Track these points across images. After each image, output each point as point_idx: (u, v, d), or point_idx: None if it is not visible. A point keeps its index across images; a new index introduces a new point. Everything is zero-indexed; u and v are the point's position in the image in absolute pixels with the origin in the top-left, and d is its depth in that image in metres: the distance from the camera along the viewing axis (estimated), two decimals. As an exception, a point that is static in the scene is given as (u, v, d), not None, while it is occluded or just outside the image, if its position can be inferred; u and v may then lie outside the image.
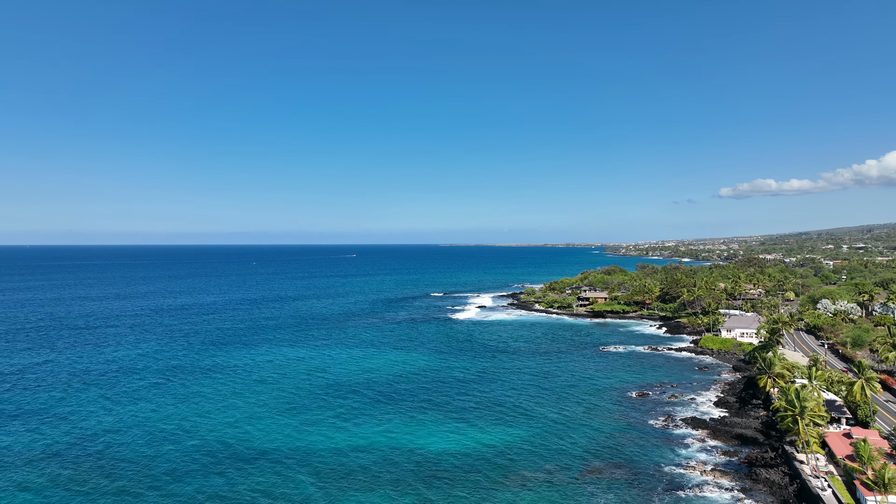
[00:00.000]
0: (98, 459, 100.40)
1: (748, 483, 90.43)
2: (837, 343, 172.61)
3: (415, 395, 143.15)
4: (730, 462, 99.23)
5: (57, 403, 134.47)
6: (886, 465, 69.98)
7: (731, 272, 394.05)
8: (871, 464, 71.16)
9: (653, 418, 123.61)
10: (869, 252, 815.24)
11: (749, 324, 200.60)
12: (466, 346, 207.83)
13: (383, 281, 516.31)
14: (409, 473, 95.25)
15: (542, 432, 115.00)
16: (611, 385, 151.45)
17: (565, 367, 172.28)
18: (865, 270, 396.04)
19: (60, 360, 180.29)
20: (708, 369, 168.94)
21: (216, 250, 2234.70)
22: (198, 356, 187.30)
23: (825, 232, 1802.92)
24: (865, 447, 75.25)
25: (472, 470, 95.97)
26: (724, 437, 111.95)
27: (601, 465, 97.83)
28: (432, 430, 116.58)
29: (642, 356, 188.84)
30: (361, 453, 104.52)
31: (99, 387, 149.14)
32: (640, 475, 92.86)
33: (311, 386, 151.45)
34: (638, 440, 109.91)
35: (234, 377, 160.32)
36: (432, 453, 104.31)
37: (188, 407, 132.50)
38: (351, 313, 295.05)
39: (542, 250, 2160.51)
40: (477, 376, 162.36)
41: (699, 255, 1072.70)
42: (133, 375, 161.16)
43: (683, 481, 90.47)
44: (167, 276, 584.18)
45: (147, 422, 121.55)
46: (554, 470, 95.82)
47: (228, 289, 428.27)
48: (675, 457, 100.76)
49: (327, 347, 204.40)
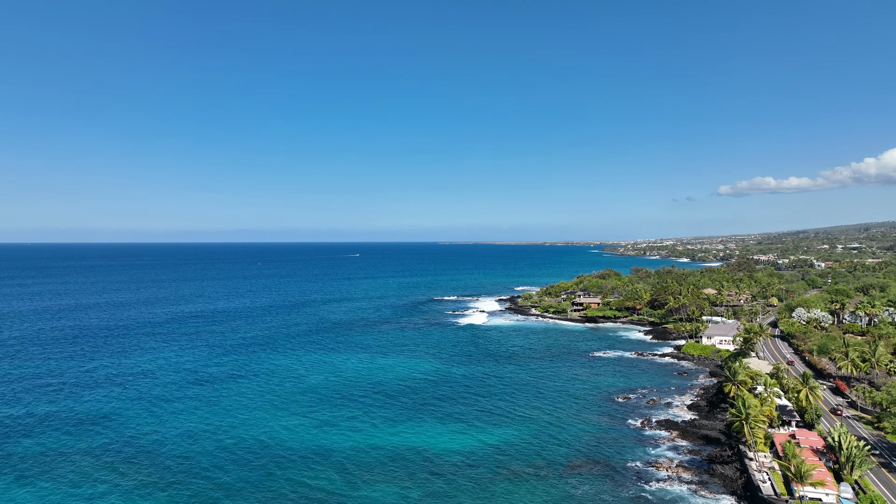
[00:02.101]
0: (150, 456, 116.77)
1: (706, 477, 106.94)
2: (805, 350, 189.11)
3: (421, 398, 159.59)
4: (693, 459, 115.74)
5: (103, 407, 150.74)
6: (803, 461, 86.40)
7: (721, 276, 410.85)
8: (794, 460, 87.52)
9: (631, 420, 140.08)
10: (862, 253, 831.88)
11: (728, 331, 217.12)
12: (468, 351, 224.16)
13: (387, 284, 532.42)
14: (417, 468, 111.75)
15: (534, 432, 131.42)
16: (598, 389, 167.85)
17: (558, 373, 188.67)
18: (850, 276, 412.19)
19: (97, 367, 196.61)
20: (686, 374, 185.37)
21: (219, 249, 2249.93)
22: (221, 363, 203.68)
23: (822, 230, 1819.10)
24: (790, 446, 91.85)
25: (472, 465, 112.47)
26: (691, 437, 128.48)
27: (582, 461, 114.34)
28: (437, 430, 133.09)
29: (629, 361, 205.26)
30: (376, 450, 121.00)
31: (136, 391, 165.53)
32: (614, 471, 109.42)
33: (328, 390, 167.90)
34: (616, 440, 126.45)
35: (258, 382, 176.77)
36: (437, 451, 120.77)
37: (220, 410, 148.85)
38: (359, 319, 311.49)
39: (542, 249, 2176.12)
40: (477, 381, 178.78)
41: (696, 255, 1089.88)
42: (164, 381, 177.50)
43: (650, 476, 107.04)
44: (176, 280, 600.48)
45: (185, 423, 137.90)
46: (542, 466, 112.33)
47: (239, 294, 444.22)
48: (645, 455, 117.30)
49: (339, 353, 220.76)
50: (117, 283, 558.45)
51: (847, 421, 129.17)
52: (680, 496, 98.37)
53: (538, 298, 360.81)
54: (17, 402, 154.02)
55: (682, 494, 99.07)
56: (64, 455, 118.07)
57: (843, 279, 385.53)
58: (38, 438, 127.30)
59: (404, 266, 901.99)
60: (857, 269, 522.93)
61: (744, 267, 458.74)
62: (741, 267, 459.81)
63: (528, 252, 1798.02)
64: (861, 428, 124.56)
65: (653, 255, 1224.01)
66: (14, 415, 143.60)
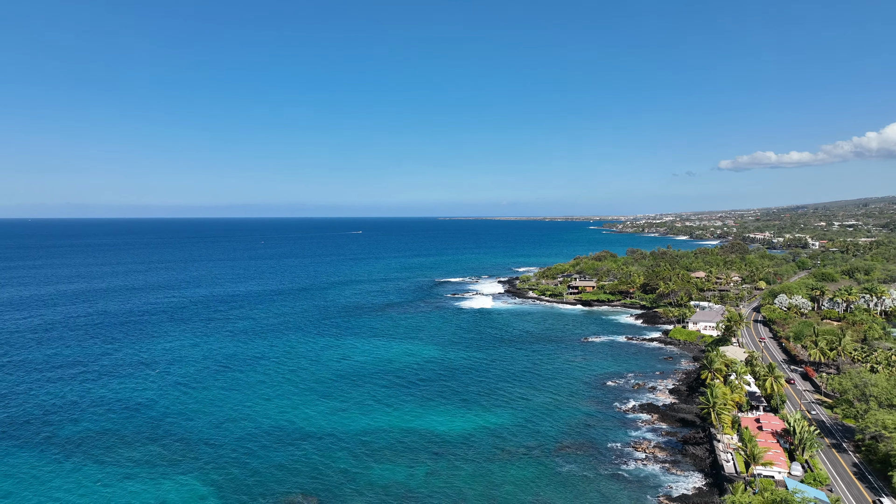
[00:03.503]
0: (184, 437, 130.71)
1: (679, 457, 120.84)
2: (783, 337, 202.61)
3: (423, 383, 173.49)
4: (669, 441, 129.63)
5: (134, 393, 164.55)
6: (756, 445, 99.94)
7: (714, 258, 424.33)
8: (749, 444, 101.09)
9: (617, 403, 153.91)
10: (857, 231, 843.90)
11: (712, 317, 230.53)
12: (468, 336, 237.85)
13: (390, 265, 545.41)
14: (420, 449, 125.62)
15: (527, 416, 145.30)
16: (588, 374, 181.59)
17: (552, 358, 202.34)
18: (839, 258, 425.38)
19: (124, 353, 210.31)
20: (671, 359, 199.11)
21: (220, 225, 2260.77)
22: (237, 348, 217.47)
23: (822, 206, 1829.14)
24: (746, 432, 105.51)
25: (469, 447, 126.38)
26: (670, 420, 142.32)
27: (570, 442, 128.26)
28: (439, 414, 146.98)
29: (619, 346, 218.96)
30: (382, 433, 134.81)
31: (163, 376, 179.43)
32: (597, 451, 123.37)
33: (339, 374, 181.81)
34: (602, 423, 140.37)
35: (275, 367, 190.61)
36: (440, 432, 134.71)
37: (239, 394, 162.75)
38: (365, 303, 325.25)
39: (541, 224, 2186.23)
40: (476, 366, 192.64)
41: (693, 232, 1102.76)
42: (187, 367, 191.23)
43: (629, 456, 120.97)
44: (184, 261, 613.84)
45: (207, 407, 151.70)
46: (534, 447, 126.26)
47: (248, 277, 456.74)
48: (626, 437, 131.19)
49: (348, 337, 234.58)
50: (126, 264, 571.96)
51: (811, 405, 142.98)
52: (653, 474, 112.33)
53: (535, 281, 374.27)
54: (56, 388, 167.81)
55: (655, 472, 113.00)
56: (104, 437, 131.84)
57: (831, 262, 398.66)
58: (79, 422, 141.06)
59: (406, 245, 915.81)
60: (849, 248, 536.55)
61: (737, 249, 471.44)
62: (734, 249, 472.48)
63: (528, 228, 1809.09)
64: (822, 412, 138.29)
65: (651, 233, 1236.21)
66: (54, 399, 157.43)
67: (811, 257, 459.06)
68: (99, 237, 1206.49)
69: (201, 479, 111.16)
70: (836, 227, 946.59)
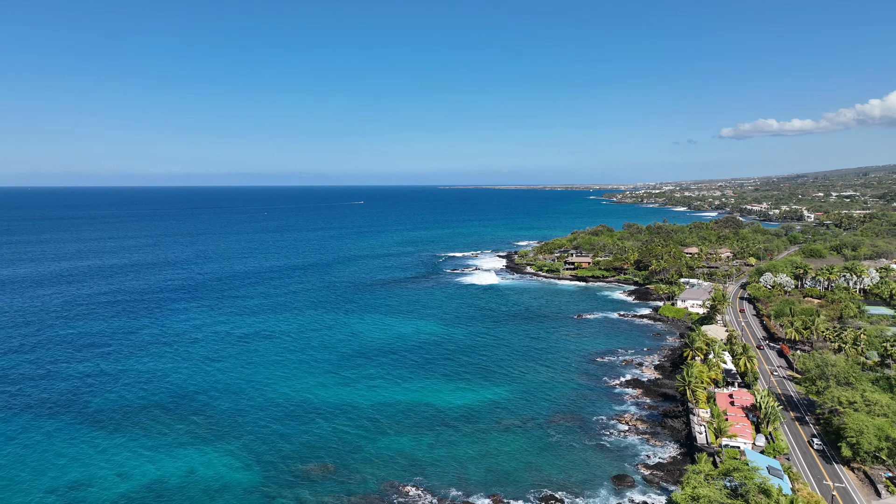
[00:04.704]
0: (207, 409, 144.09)
1: (658, 429, 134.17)
2: (765, 315, 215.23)
3: (428, 358, 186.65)
4: (651, 414, 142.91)
5: (157, 367, 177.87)
6: (723, 419, 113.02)
7: (707, 233, 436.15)
8: (717, 419, 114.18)
9: (606, 378, 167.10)
10: (853, 202, 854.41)
11: (700, 295, 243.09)
12: (469, 312, 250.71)
13: (392, 240, 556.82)
14: (424, 421, 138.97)
15: (523, 390, 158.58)
16: (581, 350, 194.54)
17: (548, 334, 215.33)
18: (828, 233, 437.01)
19: (143, 329, 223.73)
20: (659, 336, 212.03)
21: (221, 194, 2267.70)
22: (251, 323, 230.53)
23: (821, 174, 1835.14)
24: (715, 408, 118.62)
25: (470, 419, 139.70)
26: (653, 395, 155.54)
27: (560, 415, 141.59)
28: (443, 388, 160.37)
29: (611, 322, 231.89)
30: (392, 405, 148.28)
31: (182, 352, 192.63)
32: (585, 423, 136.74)
33: (348, 350, 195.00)
34: (590, 396, 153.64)
35: (288, 342, 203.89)
36: (443, 405, 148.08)
37: (256, 370, 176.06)
38: (369, 279, 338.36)
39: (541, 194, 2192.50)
40: (476, 342, 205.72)
41: (692, 203, 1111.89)
42: (204, 342, 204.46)
43: (613, 427, 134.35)
44: (190, 234, 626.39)
45: (224, 381, 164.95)
46: (528, 419, 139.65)
47: (254, 252, 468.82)
48: (612, 410, 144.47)
49: (354, 313, 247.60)
50: (135, 238, 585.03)
51: (783, 381, 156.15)
52: (633, 444, 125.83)
53: (533, 256, 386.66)
54: (91, 364, 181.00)
55: (635, 443, 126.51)
56: (143, 410, 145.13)
57: (821, 238, 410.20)
58: (117, 397, 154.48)
59: (407, 216, 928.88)
60: (843, 222, 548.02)
61: (731, 224, 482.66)
62: (728, 224, 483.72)
63: (528, 198, 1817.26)
64: (791, 387, 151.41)
65: (650, 203, 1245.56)
66: (92, 376, 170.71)
67: (804, 231, 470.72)
68: (103, 208, 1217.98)
69: (229, 449, 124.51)
70: (833, 198, 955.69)
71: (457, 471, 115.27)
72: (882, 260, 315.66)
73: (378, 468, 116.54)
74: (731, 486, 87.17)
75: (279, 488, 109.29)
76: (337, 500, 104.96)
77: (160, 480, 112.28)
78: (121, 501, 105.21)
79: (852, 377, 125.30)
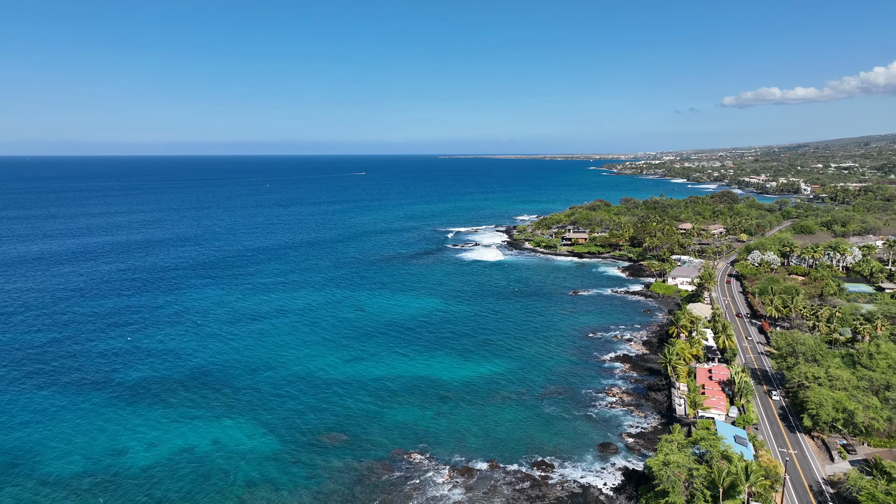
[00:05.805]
0: (224, 385, 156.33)
1: (642, 401, 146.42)
2: (750, 292, 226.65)
3: (431, 334, 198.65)
4: (637, 387, 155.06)
5: (176, 344, 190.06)
6: (698, 394, 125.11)
7: (703, 208, 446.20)
8: (693, 393, 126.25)
9: (597, 353, 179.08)
10: (851, 174, 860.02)
11: (690, 273, 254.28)
12: (469, 289, 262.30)
13: (394, 215, 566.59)
14: (428, 393, 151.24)
15: (519, 365, 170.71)
16: (575, 326, 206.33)
17: (544, 310, 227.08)
18: (821, 209, 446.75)
19: (161, 307, 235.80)
20: (649, 312, 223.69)
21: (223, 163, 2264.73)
22: (262, 301, 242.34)
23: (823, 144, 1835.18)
24: (692, 382, 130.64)
25: (470, 392, 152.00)
26: (639, 369, 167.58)
27: (553, 388, 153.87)
28: (444, 362, 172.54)
29: (605, 299, 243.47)
30: (394, 379, 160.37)
31: (199, 329, 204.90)
32: (574, 395, 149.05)
33: (353, 326, 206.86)
34: (581, 371, 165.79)
35: (298, 319, 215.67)
36: (444, 379, 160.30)
37: (268, 345, 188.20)
38: (372, 255, 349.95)
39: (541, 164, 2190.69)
40: (476, 317, 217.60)
41: (691, 174, 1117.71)
42: (218, 320, 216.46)
43: (600, 400, 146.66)
44: (195, 207, 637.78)
45: (238, 357, 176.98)
46: (523, 392, 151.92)
47: (260, 228, 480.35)
48: (600, 384, 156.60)
49: (360, 290, 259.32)
50: (142, 212, 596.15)
51: (761, 357, 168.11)
52: (618, 415, 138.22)
53: (531, 232, 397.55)
54: (112, 340, 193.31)
55: (619, 413, 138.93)
56: (162, 382, 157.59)
57: (813, 213, 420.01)
58: (137, 370, 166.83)
59: (409, 189, 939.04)
60: (838, 195, 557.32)
61: (726, 199, 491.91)
62: (723, 199, 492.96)
63: (528, 168, 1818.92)
64: (768, 363, 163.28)
65: (650, 174, 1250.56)
66: (114, 350, 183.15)
67: (798, 206, 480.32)
68: (106, 179, 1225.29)
69: (248, 420, 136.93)
70: (832, 170, 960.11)
71: (458, 439, 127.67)
72: (869, 236, 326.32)
73: (386, 437, 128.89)
74: (698, 453, 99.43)
75: (297, 454, 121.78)
76: (350, 465, 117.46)
77: (187, 449, 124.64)
78: (155, 467, 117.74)
79: (818, 354, 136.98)
